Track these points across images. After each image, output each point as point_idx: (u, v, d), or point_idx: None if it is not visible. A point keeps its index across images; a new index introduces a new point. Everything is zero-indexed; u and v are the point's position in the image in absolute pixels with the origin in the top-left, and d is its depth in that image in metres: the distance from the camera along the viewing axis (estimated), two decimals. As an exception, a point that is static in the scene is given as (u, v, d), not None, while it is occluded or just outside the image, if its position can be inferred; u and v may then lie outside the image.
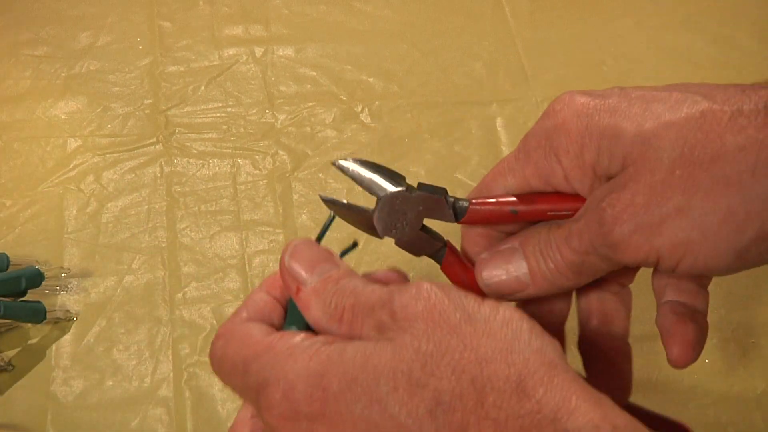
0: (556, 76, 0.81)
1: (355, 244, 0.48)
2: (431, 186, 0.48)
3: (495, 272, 0.47)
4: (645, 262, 0.42)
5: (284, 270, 0.43)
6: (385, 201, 0.47)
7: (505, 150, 0.75)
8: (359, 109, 0.77)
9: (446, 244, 0.49)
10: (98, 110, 0.76)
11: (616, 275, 0.50)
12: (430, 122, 0.77)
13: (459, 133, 0.76)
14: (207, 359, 0.62)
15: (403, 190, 0.47)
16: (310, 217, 0.71)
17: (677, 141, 0.41)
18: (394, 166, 0.66)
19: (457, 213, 0.48)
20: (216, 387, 0.62)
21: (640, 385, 0.51)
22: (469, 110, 0.78)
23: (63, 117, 0.75)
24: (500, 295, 0.47)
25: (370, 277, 0.44)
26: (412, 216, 0.48)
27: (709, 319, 0.67)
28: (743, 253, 0.40)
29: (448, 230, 0.49)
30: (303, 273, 0.43)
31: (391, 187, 0.47)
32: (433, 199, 0.48)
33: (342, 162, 0.47)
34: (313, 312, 0.42)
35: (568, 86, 0.79)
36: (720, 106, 0.42)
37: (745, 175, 0.39)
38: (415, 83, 0.79)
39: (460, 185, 0.73)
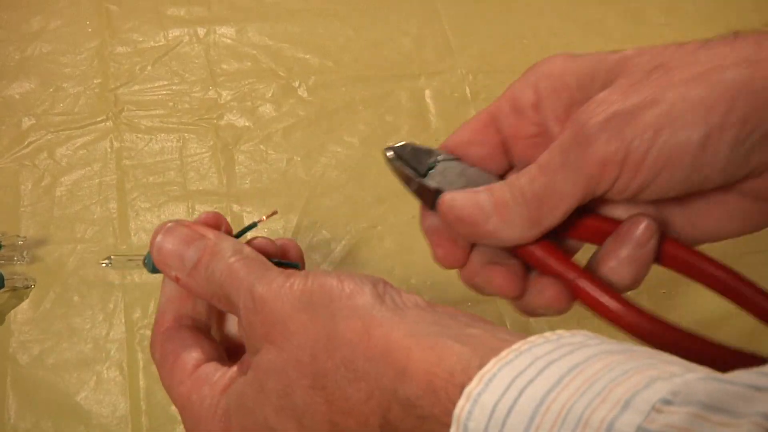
0: (480, 50, 0.81)
1: (253, 225, 0.48)
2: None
3: (458, 194, 0.44)
4: (613, 161, 0.40)
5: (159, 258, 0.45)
6: (442, 168, 0.47)
7: (434, 120, 0.76)
8: (297, 85, 0.77)
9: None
10: (51, 90, 0.75)
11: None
12: (363, 95, 0.77)
13: (390, 105, 0.77)
14: (157, 321, 0.63)
15: (458, 160, 0.47)
16: (252, 186, 0.71)
17: (654, 57, 0.42)
18: (331, 137, 0.67)
19: None
20: (166, 346, 0.62)
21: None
22: (399, 83, 0.78)
23: (17, 97, 0.75)
24: (461, 224, 0.43)
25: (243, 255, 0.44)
26: (455, 181, 0.46)
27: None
28: (707, 144, 0.39)
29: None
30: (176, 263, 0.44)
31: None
32: (485, 175, 0.47)
33: (388, 153, 0.47)
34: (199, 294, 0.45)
35: (490, 59, 0.80)
36: (693, 41, 0.43)
37: (715, 71, 0.39)
38: (349, 59, 0.79)
39: (392, 153, 0.73)
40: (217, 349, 0.47)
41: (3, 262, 0.65)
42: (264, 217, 0.51)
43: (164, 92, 0.76)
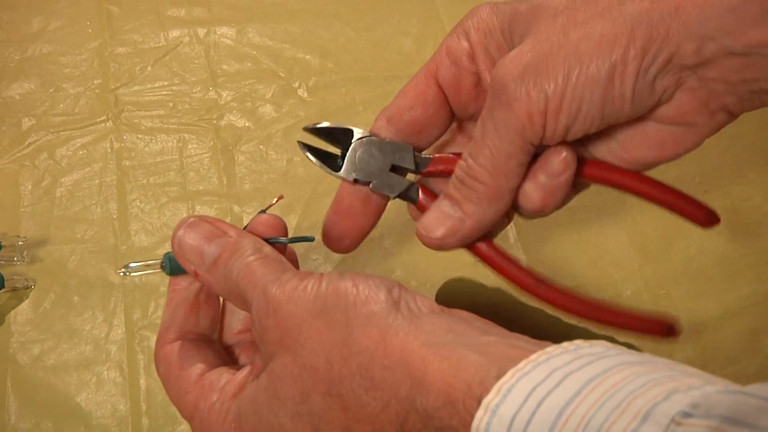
0: (480, 51, 0.81)
1: (262, 212, 0.48)
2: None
3: (427, 219, 0.46)
4: (536, 111, 0.41)
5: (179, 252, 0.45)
6: (357, 144, 0.47)
7: (434, 120, 0.76)
8: (297, 85, 0.77)
9: (416, 183, 0.49)
10: (51, 91, 0.75)
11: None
12: (363, 96, 0.77)
13: (390, 106, 0.76)
14: (158, 322, 0.63)
15: (372, 136, 0.48)
16: (252, 187, 0.71)
17: (562, 2, 0.43)
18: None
19: (418, 165, 0.48)
20: (166, 347, 0.62)
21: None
22: (400, 84, 0.76)
23: (17, 97, 0.75)
24: (448, 241, 0.45)
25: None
26: (380, 159, 0.48)
27: (623, 271, 0.68)
28: (613, 76, 0.40)
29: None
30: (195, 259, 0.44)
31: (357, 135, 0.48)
32: (401, 147, 0.48)
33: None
34: (216, 291, 0.44)
35: (490, 60, 0.79)
36: None
37: (615, 6, 0.41)
38: (349, 59, 0.79)
39: (392, 154, 0.73)
40: (221, 357, 0.47)
41: (3, 262, 0.65)
42: (274, 201, 0.51)
43: (164, 93, 0.76)
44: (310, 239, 0.49)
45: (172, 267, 0.46)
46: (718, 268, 0.68)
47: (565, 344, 0.33)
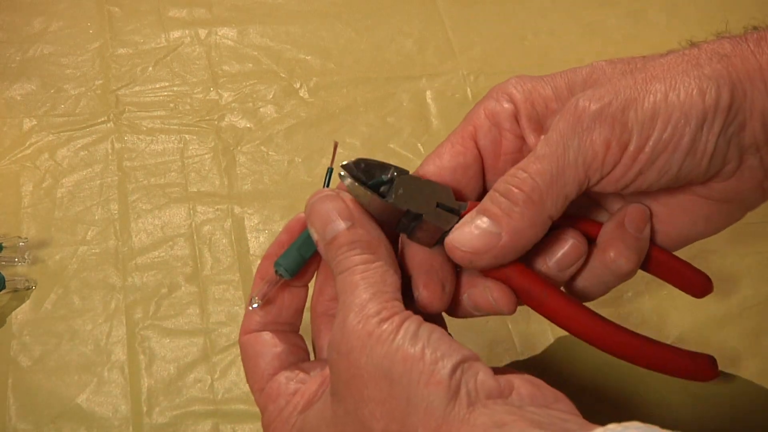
0: (482, 51, 0.81)
1: (330, 170, 0.47)
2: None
3: (459, 233, 0.43)
4: (616, 143, 0.41)
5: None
6: (400, 179, 0.45)
7: (435, 121, 0.76)
8: (298, 86, 0.77)
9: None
10: (52, 91, 0.75)
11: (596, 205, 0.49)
12: (364, 97, 0.77)
13: (391, 106, 0.76)
14: (159, 323, 0.62)
15: (411, 174, 0.46)
16: (253, 187, 0.70)
17: (625, 65, 0.44)
18: (332, 138, 0.66)
19: (457, 209, 0.45)
20: (168, 348, 0.62)
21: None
22: (401, 85, 0.78)
23: (18, 98, 0.74)
24: (478, 258, 0.43)
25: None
26: (426, 195, 0.45)
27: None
28: (702, 130, 0.41)
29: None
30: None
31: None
32: (443, 186, 0.46)
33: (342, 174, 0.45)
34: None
35: (492, 61, 0.80)
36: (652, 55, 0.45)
37: (692, 67, 0.42)
38: (350, 60, 0.79)
39: (394, 154, 0.73)
40: (296, 353, 0.47)
41: (4, 263, 0.64)
42: (333, 150, 0.49)
43: (165, 93, 0.75)
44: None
45: (290, 269, 0.46)
46: (719, 269, 0.68)
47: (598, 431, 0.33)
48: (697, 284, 0.49)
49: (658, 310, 0.65)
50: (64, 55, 0.77)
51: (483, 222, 0.42)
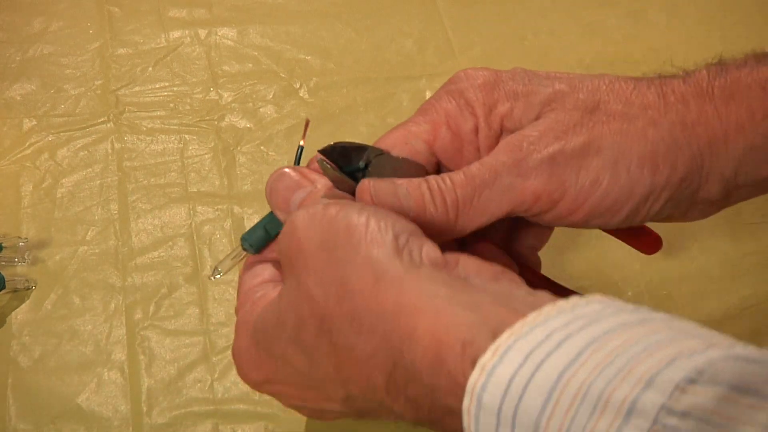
0: (481, 51, 0.81)
1: (300, 149, 0.49)
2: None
3: (378, 182, 0.44)
4: (549, 197, 0.41)
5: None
6: (377, 159, 0.46)
7: (435, 121, 0.75)
8: (298, 86, 0.77)
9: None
10: (52, 91, 0.75)
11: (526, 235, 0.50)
12: (364, 97, 0.77)
13: (391, 106, 0.76)
14: (159, 323, 0.62)
15: (387, 153, 0.47)
16: (253, 188, 0.70)
17: (588, 95, 0.43)
18: (332, 138, 0.65)
19: None
20: (167, 348, 0.62)
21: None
22: (401, 84, 0.77)
23: (18, 98, 0.74)
24: (380, 204, 0.43)
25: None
26: (402, 174, 0.45)
27: (624, 272, 0.68)
28: (648, 199, 0.41)
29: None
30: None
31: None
32: (416, 164, 0.46)
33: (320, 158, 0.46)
34: None
35: (492, 60, 0.80)
36: (623, 79, 0.44)
37: (651, 126, 0.41)
38: (350, 60, 0.79)
39: (393, 155, 0.73)
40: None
41: (4, 263, 0.64)
42: (304, 129, 0.51)
43: (165, 93, 0.75)
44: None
45: (255, 245, 0.47)
46: (719, 268, 0.68)
47: (561, 303, 0.32)
48: (648, 242, 0.50)
49: (657, 310, 0.65)
50: (64, 55, 0.77)
51: (402, 189, 0.43)
